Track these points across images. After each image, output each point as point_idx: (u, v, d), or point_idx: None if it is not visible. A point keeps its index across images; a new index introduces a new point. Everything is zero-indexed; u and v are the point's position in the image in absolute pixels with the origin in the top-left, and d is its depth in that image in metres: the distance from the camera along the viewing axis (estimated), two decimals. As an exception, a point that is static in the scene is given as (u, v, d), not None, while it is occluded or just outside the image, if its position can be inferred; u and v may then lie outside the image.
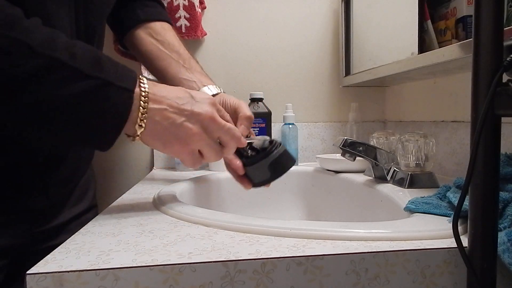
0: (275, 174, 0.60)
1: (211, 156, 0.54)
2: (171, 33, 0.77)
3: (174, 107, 0.50)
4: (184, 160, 0.53)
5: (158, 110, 0.49)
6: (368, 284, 0.38)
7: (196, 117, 0.51)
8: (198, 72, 0.74)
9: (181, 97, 0.51)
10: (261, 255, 0.37)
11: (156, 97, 0.49)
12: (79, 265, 0.35)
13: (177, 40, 0.76)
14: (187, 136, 0.51)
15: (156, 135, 0.50)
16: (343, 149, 0.71)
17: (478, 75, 0.35)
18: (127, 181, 1.14)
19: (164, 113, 0.49)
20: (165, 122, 0.49)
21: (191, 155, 0.53)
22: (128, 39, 0.77)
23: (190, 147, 0.52)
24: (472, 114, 0.36)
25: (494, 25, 0.34)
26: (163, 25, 0.77)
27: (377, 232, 0.42)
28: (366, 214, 0.73)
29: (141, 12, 0.76)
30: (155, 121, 0.49)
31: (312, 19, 1.17)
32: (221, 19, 1.15)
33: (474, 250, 0.36)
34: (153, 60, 0.74)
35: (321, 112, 1.19)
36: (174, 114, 0.50)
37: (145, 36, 0.75)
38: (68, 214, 0.67)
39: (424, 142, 0.68)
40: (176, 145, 0.51)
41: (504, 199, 0.42)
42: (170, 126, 0.50)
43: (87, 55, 0.46)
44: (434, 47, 0.74)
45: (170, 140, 0.51)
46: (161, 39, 0.75)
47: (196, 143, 0.52)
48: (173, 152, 0.53)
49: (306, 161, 1.15)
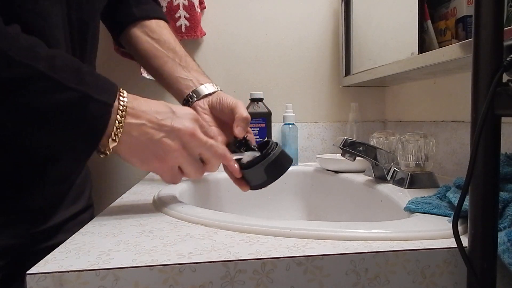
0: (273, 177, 0.60)
1: (190, 173, 0.53)
2: (167, 31, 0.76)
3: (153, 122, 0.49)
4: (163, 176, 0.52)
5: (135, 125, 0.48)
6: (368, 284, 0.38)
7: (176, 132, 0.50)
8: (194, 70, 0.73)
9: (161, 112, 0.50)
10: (261, 255, 0.37)
11: (134, 112, 0.48)
12: (79, 265, 0.35)
13: (173, 38, 0.75)
14: (165, 152, 0.50)
15: (133, 151, 0.49)
16: (343, 149, 0.71)
17: (478, 75, 0.35)
18: (126, 181, 1.14)
19: (142, 128, 0.48)
20: (143, 137, 0.48)
21: (170, 171, 0.52)
22: (124, 37, 0.76)
23: (169, 164, 0.51)
24: (472, 114, 0.36)
25: (494, 25, 0.34)
26: (158, 22, 0.76)
27: (377, 232, 0.42)
28: (366, 214, 0.73)
29: (136, 10, 0.75)
30: (132, 136, 0.48)
31: (312, 19, 1.17)
32: (220, 19, 1.14)
33: (474, 250, 0.36)
34: (149, 59, 0.73)
35: (321, 112, 1.19)
36: (152, 129, 0.49)
37: (140, 34, 0.74)
38: (65, 214, 0.66)
39: (424, 142, 0.68)
40: (154, 161, 0.50)
41: (504, 199, 0.42)
42: (148, 142, 0.49)
43: (68, 66, 0.45)
44: (434, 47, 0.74)
45: (148, 157, 0.50)
46: (157, 38, 0.73)
47: (175, 159, 0.51)
48: (151, 169, 0.51)
49: (306, 161, 1.15)
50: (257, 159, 0.58)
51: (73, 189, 0.70)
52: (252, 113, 1.02)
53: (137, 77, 1.06)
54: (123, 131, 0.47)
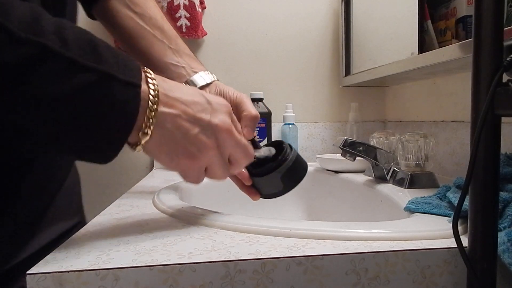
0: (289, 186, 0.53)
1: (217, 174, 0.46)
2: (152, 3, 0.63)
3: (189, 114, 0.41)
4: (189, 176, 0.45)
5: (170, 115, 0.40)
6: (368, 284, 0.38)
7: (213, 129, 0.43)
8: (187, 55, 0.61)
9: (197, 102, 0.42)
10: (261, 255, 0.37)
11: (168, 99, 0.40)
12: (79, 265, 0.35)
13: (160, 14, 0.62)
14: (199, 150, 0.42)
15: (164, 146, 0.41)
16: (343, 149, 0.71)
17: (478, 75, 0.35)
18: (127, 181, 1.14)
19: (177, 120, 0.40)
20: (177, 131, 0.41)
21: (198, 171, 0.45)
22: (99, 10, 0.62)
23: (200, 163, 0.43)
24: (472, 114, 0.36)
25: (494, 25, 0.34)
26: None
27: (377, 232, 0.42)
28: (366, 214, 0.73)
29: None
30: (165, 129, 0.40)
31: (312, 19, 1.17)
32: (221, 19, 1.15)
33: (474, 250, 0.36)
34: (131, 39, 0.60)
35: (321, 112, 1.19)
36: (188, 122, 0.41)
37: (120, 7, 0.60)
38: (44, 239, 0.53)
39: (424, 142, 0.68)
40: (184, 159, 0.42)
41: (504, 199, 0.42)
42: (182, 137, 0.41)
43: (81, 40, 0.35)
44: (434, 47, 0.74)
45: (179, 154, 0.42)
46: (141, 12, 0.60)
47: (208, 159, 0.43)
48: (179, 167, 0.44)
49: (306, 161, 1.15)
50: (271, 165, 0.51)
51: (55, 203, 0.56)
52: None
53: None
54: (156, 122, 0.39)
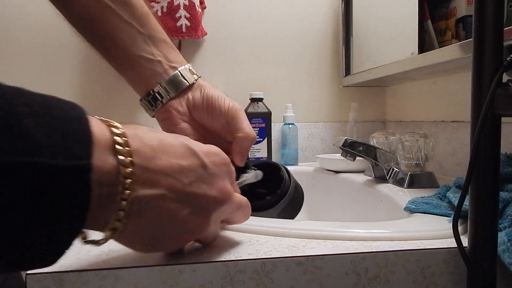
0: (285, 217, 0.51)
1: (207, 241, 0.38)
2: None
3: (177, 190, 0.30)
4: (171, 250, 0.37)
5: (151, 198, 0.28)
6: (368, 284, 0.38)
7: (209, 203, 0.33)
8: (162, 42, 0.47)
9: (188, 169, 0.31)
10: (261, 255, 0.37)
11: (147, 174, 0.28)
12: (79, 265, 0.35)
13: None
14: (191, 232, 0.33)
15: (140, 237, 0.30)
16: (343, 149, 0.71)
17: (478, 75, 0.35)
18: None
19: (161, 204, 0.29)
20: (161, 218, 0.30)
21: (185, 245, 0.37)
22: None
23: (187, 242, 0.36)
24: (472, 114, 0.36)
25: (494, 25, 0.34)
26: None
27: (377, 232, 0.42)
28: (366, 214, 0.73)
29: None
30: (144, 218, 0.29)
31: (312, 19, 1.17)
32: (221, 19, 1.14)
33: (474, 250, 0.36)
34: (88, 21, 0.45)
35: (321, 112, 1.19)
36: (175, 203, 0.30)
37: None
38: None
39: (424, 142, 0.68)
40: (170, 243, 0.34)
41: (504, 199, 0.42)
42: (167, 223, 0.30)
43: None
44: (434, 47, 0.74)
45: (161, 239, 0.32)
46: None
47: (197, 236, 0.35)
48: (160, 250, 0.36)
49: (306, 161, 1.15)
50: (269, 201, 0.48)
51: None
52: (252, 113, 1.02)
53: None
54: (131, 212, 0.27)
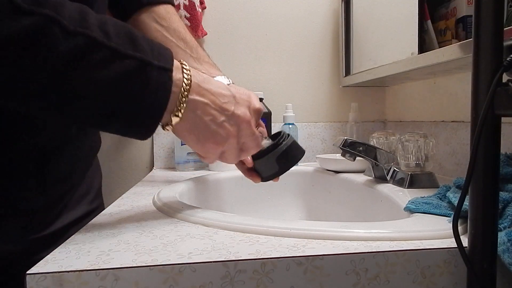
0: (283, 167, 0.59)
1: (231, 158, 0.52)
2: (176, 18, 0.71)
3: (217, 104, 0.47)
4: (208, 157, 0.51)
5: (200, 103, 0.46)
6: (368, 284, 0.38)
7: (236, 119, 0.49)
8: (206, 63, 0.69)
9: (224, 95, 0.48)
10: (261, 255, 0.37)
11: (199, 89, 0.46)
12: (79, 265, 0.35)
13: (183, 26, 0.71)
14: (224, 136, 0.48)
15: (194, 129, 0.46)
16: (343, 149, 0.71)
17: (478, 75, 0.35)
18: (127, 181, 1.14)
19: (206, 108, 0.46)
20: (206, 117, 0.46)
21: (217, 154, 0.51)
22: (131, 23, 0.70)
23: (221, 148, 0.50)
24: (472, 114, 0.36)
25: (494, 25, 0.34)
26: (167, 8, 0.71)
27: (377, 232, 0.42)
28: (366, 214, 0.73)
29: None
30: (195, 115, 0.46)
31: (312, 19, 1.17)
32: (220, 19, 1.15)
33: (474, 250, 0.36)
34: None
35: (321, 112, 1.19)
36: (215, 111, 0.47)
37: (149, 21, 0.69)
38: (67, 218, 0.62)
39: (424, 142, 0.68)
40: (210, 143, 0.48)
41: (504, 199, 0.42)
42: (210, 123, 0.47)
43: (121, 32, 0.41)
44: (434, 47, 0.74)
45: (207, 137, 0.48)
46: (166, 25, 0.69)
47: (229, 144, 0.50)
48: (203, 149, 0.49)
49: (306, 161, 1.15)
50: (268, 148, 0.58)
51: (78, 190, 0.66)
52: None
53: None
54: (187, 107, 0.44)
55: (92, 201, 0.70)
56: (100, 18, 0.40)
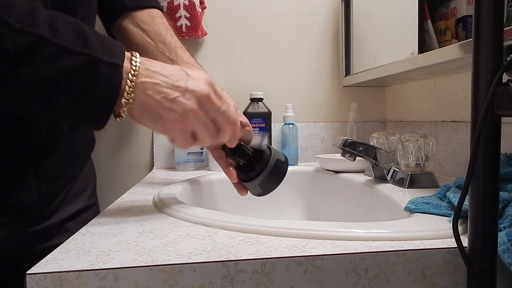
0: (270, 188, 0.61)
1: (205, 137, 0.50)
2: (159, 21, 0.72)
3: (168, 82, 0.47)
4: (175, 139, 0.50)
5: (150, 83, 0.46)
6: (368, 284, 0.38)
7: (191, 93, 0.48)
8: (185, 63, 0.70)
9: (175, 74, 0.48)
10: (261, 255, 0.37)
11: (148, 72, 0.46)
12: (79, 265, 0.35)
13: (164, 28, 0.72)
14: (181, 112, 0.47)
15: (146, 109, 0.46)
16: (343, 149, 0.71)
17: (478, 75, 0.35)
18: (127, 181, 1.14)
19: (156, 87, 0.46)
20: (157, 96, 0.46)
21: (183, 134, 0.49)
22: (116, 29, 0.73)
23: (183, 125, 0.48)
24: (472, 114, 0.36)
25: (494, 25, 0.34)
26: (150, 12, 0.72)
27: (377, 232, 0.42)
28: (366, 214, 0.73)
29: (128, 0, 0.71)
30: (147, 95, 0.46)
31: (312, 19, 1.17)
32: (220, 19, 1.15)
33: (474, 250, 0.36)
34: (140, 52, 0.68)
35: (321, 112, 1.19)
36: (167, 89, 0.47)
37: (131, 26, 0.71)
38: (64, 213, 0.64)
39: (424, 142, 0.68)
40: (168, 122, 0.47)
41: (504, 199, 0.42)
42: (163, 100, 0.46)
43: (71, 29, 0.42)
44: (434, 47, 0.74)
45: (162, 116, 0.47)
46: (147, 29, 0.70)
47: (191, 121, 0.48)
48: (164, 130, 0.49)
49: (306, 161, 1.15)
50: (250, 175, 0.59)
51: (74, 186, 0.68)
52: (252, 113, 1.02)
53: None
54: (137, 90, 0.45)
55: (90, 197, 0.73)
56: (50, 16, 0.42)
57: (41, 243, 0.60)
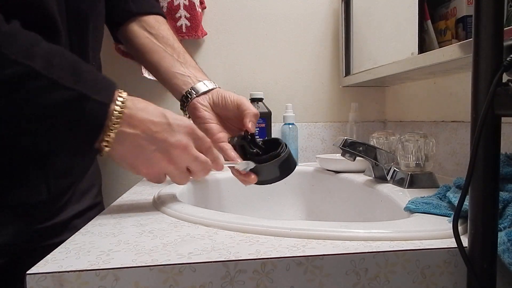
0: (283, 174, 0.62)
1: (176, 180, 0.55)
2: (165, 27, 0.75)
3: (148, 133, 0.50)
4: (150, 179, 0.54)
5: (129, 134, 0.48)
6: (368, 284, 0.38)
7: (168, 147, 0.51)
8: (192, 67, 0.72)
9: (156, 123, 0.50)
10: (261, 255, 0.37)
11: (131, 120, 0.48)
12: (79, 265, 0.35)
13: (171, 34, 0.75)
14: (155, 162, 0.51)
15: (124, 157, 0.50)
16: (343, 149, 0.71)
17: (478, 75, 0.35)
18: (127, 181, 1.14)
19: (135, 139, 0.49)
20: (135, 149, 0.49)
21: (157, 177, 0.54)
22: (122, 33, 0.76)
23: (156, 171, 0.52)
24: (472, 114, 0.36)
25: (494, 25, 0.34)
26: (156, 18, 0.75)
27: (377, 232, 0.42)
28: (366, 214, 0.73)
29: (134, 6, 0.74)
30: (124, 145, 0.49)
31: (312, 19, 1.17)
32: (221, 19, 1.15)
33: (474, 250, 0.36)
34: (146, 54, 0.73)
35: (321, 112, 1.19)
36: (145, 141, 0.49)
37: (138, 29, 0.74)
38: (71, 211, 0.66)
39: (424, 142, 0.68)
40: (143, 168, 0.52)
41: (504, 199, 0.42)
42: (139, 153, 0.50)
43: (66, 65, 0.45)
44: (434, 47, 0.74)
45: (138, 164, 0.51)
46: (155, 33, 0.73)
47: (162, 169, 0.52)
48: (139, 173, 0.53)
49: (306, 161, 1.15)
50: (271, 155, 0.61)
51: (81, 185, 0.69)
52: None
53: (138, 77, 1.06)
54: (116, 139, 0.47)
55: (96, 196, 0.75)
56: (50, 51, 0.45)
57: (49, 240, 0.61)
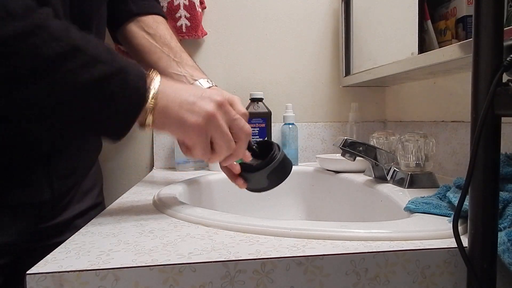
0: (274, 183, 0.60)
1: (222, 147, 0.52)
2: (163, 26, 0.76)
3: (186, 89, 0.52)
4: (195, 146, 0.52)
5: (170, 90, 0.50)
6: (368, 284, 0.38)
7: (208, 99, 0.51)
8: (189, 66, 0.73)
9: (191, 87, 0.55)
10: (261, 255, 0.37)
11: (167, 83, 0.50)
12: (79, 265, 0.35)
13: (169, 33, 0.76)
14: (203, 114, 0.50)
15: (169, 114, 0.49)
16: (343, 149, 0.71)
17: (478, 75, 0.35)
18: (127, 181, 1.14)
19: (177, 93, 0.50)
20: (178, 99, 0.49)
21: (204, 140, 0.51)
22: (121, 33, 0.77)
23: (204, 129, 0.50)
24: (472, 114, 0.36)
25: (494, 25, 0.34)
26: (155, 18, 0.76)
27: (377, 232, 0.42)
28: (366, 214, 0.73)
29: (134, 6, 0.75)
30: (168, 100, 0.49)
31: (312, 19, 1.17)
32: (221, 19, 1.15)
33: (474, 250, 0.36)
34: (144, 54, 0.74)
35: (321, 112, 1.19)
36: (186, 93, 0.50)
37: (136, 29, 0.75)
38: (73, 211, 0.67)
39: (424, 142, 0.68)
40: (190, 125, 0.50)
41: (504, 199, 0.42)
42: (184, 103, 0.49)
43: (100, 45, 0.47)
44: (434, 47, 0.74)
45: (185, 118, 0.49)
46: (153, 33, 0.74)
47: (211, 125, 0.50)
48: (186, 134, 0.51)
49: (306, 161, 1.15)
50: (259, 164, 0.57)
51: (83, 185, 0.70)
52: (252, 113, 1.02)
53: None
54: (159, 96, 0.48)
55: (97, 196, 0.76)
56: (83, 34, 0.46)
57: (51, 239, 0.61)
